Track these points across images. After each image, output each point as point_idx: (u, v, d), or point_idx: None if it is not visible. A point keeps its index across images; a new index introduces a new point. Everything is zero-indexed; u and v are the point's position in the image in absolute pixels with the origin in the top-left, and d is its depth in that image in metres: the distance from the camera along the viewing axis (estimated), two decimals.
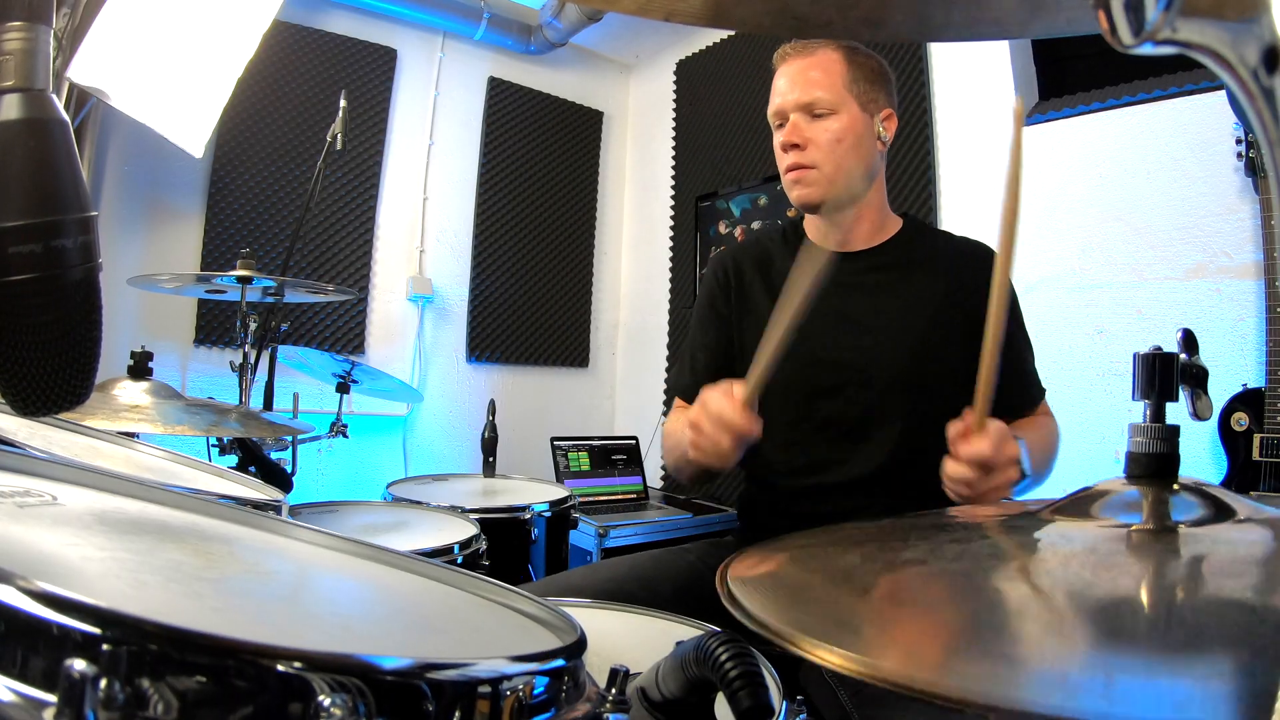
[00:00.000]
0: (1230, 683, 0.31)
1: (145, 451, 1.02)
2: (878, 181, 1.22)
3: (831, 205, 1.20)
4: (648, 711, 0.54)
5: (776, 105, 1.18)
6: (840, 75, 1.15)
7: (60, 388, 0.46)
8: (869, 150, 1.17)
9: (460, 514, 1.53)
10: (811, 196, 1.17)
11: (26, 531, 0.47)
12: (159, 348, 1.53)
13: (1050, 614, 0.39)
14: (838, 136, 1.14)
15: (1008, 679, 0.33)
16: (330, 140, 1.97)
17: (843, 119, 1.15)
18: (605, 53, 3.55)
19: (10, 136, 0.43)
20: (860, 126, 1.16)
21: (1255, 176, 1.57)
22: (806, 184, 1.17)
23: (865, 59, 1.17)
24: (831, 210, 1.21)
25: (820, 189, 1.17)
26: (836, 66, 1.15)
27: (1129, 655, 0.34)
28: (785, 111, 1.17)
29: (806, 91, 1.15)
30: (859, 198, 1.19)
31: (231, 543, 0.61)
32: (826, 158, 1.15)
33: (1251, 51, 0.24)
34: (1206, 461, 1.56)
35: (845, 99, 1.15)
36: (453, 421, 3.06)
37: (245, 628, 0.42)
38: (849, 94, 1.15)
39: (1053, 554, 0.47)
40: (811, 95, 1.14)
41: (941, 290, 1.17)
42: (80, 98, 1.87)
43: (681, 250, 3.25)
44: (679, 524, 2.50)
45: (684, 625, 0.89)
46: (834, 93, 1.14)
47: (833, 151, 1.15)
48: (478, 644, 0.53)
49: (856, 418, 1.17)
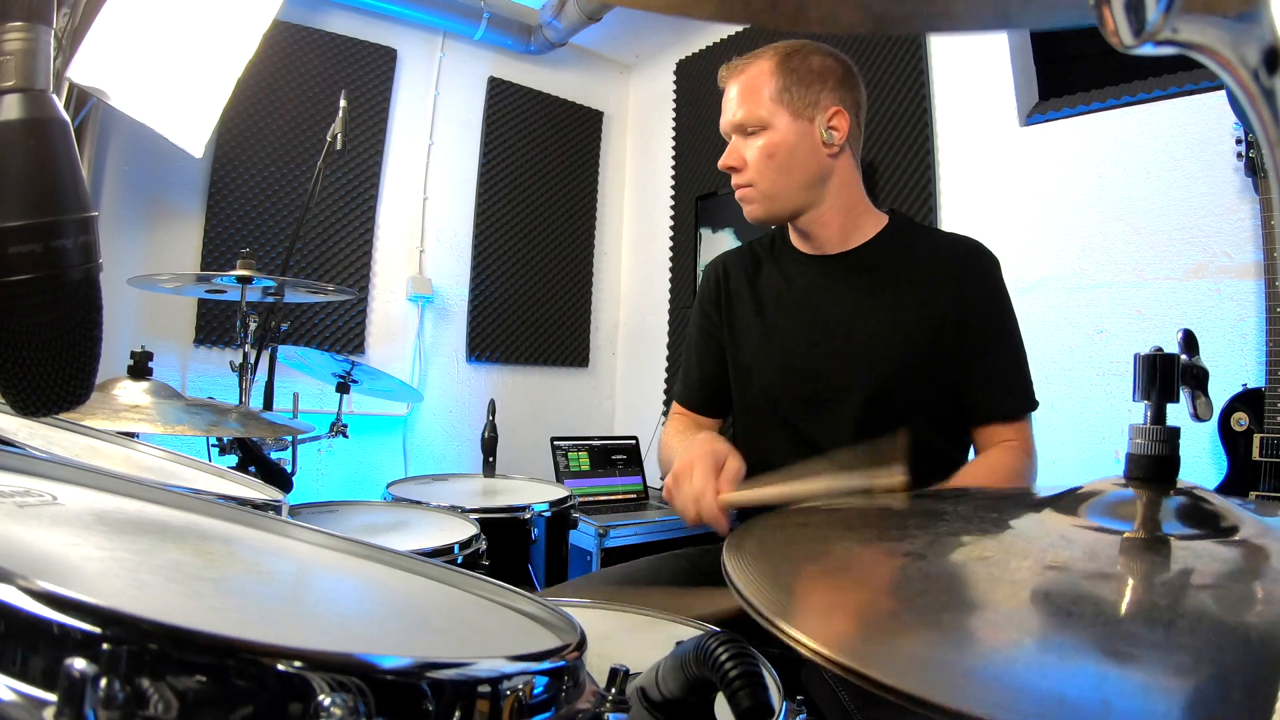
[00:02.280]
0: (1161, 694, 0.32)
1: (145, 451, 1.02)
2: (838, 183, 1.17)
3: (781, 218, 1.20)
4: (648, 711, 0.54)
5: (720, 126, 1.20)
6: (769, 88, 1.13)
7: (60, 388, 0.46)
8: (808, 157, 1.14)
9: (460, 514, 1.53)
10: (756, 214, 1.18)
11: (26, 531, 0.47)
12: (159, 348, 1.53)
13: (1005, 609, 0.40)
14: (768, 152, 1.13)
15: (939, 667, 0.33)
16: (330, 140, 1.97)
17: (774, 133, 1.13)
18: (605, 53, 3.55)
19: (10, 136, 0.43)
20: (793, 136, 1.13)
21: (1255, 176, 1.57)
22: (749, 201, 1.18)
23: (802, 61, 1.13)
24: (786, 221, 1.22)
25: (761, 205, 1.17)
26: (765, 79, 1.13)
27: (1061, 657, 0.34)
28: (725, 133, 1.19)
29: (737, 111, 1.15)
30: (814, 204, 1.17)
31: (231, 543, 0.61)
32: (760, 175, 1.15)
33: (1251, 51, 0.24)
34: (1206, 461, 1.56)
35: (775, 111, 1.13)
36: (453, 421, 3.06)
37: (245, 627, 0.42)
38: (778, 105, 1.13)
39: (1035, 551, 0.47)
40: (741, 115, 1.14)
41: (923, 291, 1.14)
42: (80, 98, 1.87)
43: (681, 250, 3.25)
44: (679, 524, 2.49)
45: (684, 625, 0.89)
46: (763, 107, 1.13)
47: (765, 168, 1.14)
48: (478, 644, 0.53)
49: (832, 423, 1.16)
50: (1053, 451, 1.83)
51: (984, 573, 0.44)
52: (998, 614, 0.39)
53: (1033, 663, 0.34)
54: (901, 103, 2.34)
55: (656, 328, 3.35)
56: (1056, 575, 0.42)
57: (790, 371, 1.19)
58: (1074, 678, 0.32)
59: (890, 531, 0.55)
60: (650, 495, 2.79)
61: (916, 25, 0.36)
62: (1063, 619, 0.38)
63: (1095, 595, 0.40)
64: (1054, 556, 0.44)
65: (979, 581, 0.43)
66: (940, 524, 0.54)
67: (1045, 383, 1.23)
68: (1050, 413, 1.91)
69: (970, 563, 0.46)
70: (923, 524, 0.55)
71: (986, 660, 0.35)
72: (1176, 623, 0.36)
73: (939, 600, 0.42)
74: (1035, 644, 0.36)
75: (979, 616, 0.40)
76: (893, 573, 0.46)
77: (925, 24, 0.36)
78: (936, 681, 0.31)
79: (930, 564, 0.46)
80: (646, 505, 2.69)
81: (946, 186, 2.28)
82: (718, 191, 3.04)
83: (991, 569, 0.44)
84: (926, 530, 0.53)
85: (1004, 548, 0.48)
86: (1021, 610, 0.39)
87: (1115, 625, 0.37)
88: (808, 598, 0.44)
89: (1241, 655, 0.33)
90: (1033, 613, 0.39)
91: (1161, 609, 0.38)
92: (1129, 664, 0.33)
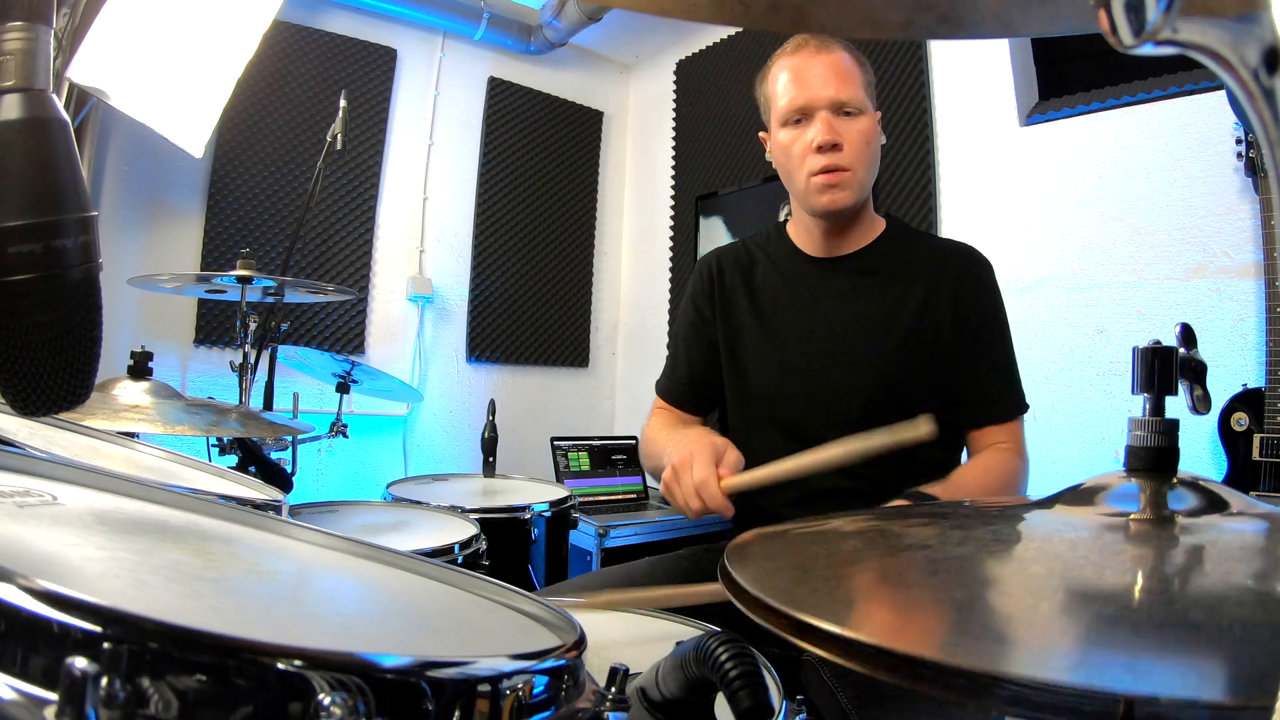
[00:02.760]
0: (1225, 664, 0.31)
1: (145, 451, 1.02)
2: None
3: (858, 209, 1.17)
4: (648, 711, 0.54)
5: (803, 100, 1.10)
6: (859, 75, 1.12)
7: (60, 388, 0.46)
8: (879, 153, 1.16)
9: (460, 514, 1.53)
10: (846, 200, 1.12)
11: (26, 531, 0.47)
12: (159, 348, 1.53)
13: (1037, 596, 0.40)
14: (868, 138, 1.11)
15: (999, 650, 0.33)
16: (330, 140, 1.97)
17: (868, 120, 1.12)
18: (605, 53, 3.55)
19: (10, 136, 0.43)
20: (876, 129, 1.14)
21: (1255, 176, 1.57)
22: (843, 187, 1.11)
23: (865, 61, 1.15)
24: (854, 214, 1.18)
25: (853, 192, 1.12)
26: (854, 66, 1.11)
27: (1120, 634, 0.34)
28: (814, 107, 1.10)
29: (841, 88, 1.09)
30: (869, 200, 1.19)
31: (231, 543, 0.61)
32: (859, 159, 1.11)
33: (1251, 51, 0.24)
34: (1206, 461, 1.56)
35: (865, 100, 1.12)
36: (453, 421, 3.06)
37: (245, 627, 0.42)
38: (867, 95, 1.12)
39: (1045, 541, 0.47)
40: (846, 92, 1.09)
41: (920, 295, 1.15)
42: (80, 98, 1.87)
43: (681, 250, 3.25)
44: (679, 524, 2.50)
45: (684, 625, 0.89)
46: (860, 91, 1.11)
47: (864, 153, 1.11)
48: (478, 643, 0.53)
49: (830, 424, 1.16)
50: (1053, 451, 1.83)
51: (1001, 561, 0.44)
52: (1031, 597, 0.39)
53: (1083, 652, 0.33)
54: (901, 102, 2.34)
55: (656, 328, 3.35)
56: (1083, 565, 0.42)
57: (789, 371, 1.19)
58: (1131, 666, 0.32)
59: (895, 535, 0.55)
60: (650, 495, 2.79)
61: (916, 32, 0.36)
62: (1100, 608, 0.37)
63: (1126, 582, 0.40)
64: (1075, 547, 0.44)
65: (997, 568, 0.43)
66: (945, 523, 0.54)
67: (1045, 383, 1.24)
68: (1050, 413, 1.93)
69: (983, 553, 0.46)
70: (925, 524, 0.55)
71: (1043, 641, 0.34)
72: (1221, 606, 0.36)
73: (961, 587, 0.41)
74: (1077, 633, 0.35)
75: (1008, 601, 0.39)
76: (908, 565, 0.46)
77: (925, 31, 0.36)
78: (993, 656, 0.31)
79: (945, 563, 0.46)
80: (646, 505, 2.69)
81: (946, 187, 2.28)
82: (718, 191, 3.04)
83: (1008, 556, 0.44)
84: (930, 530, 0.53)
85: (1021, 544, 0.48)
86: (1055, 602, 0.39)
87: (1156, 609, 0.37)
88: (822, 593, 0.43)
89: None
90: (1067, 603, 0.38)
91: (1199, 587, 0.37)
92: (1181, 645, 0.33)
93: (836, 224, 1.19)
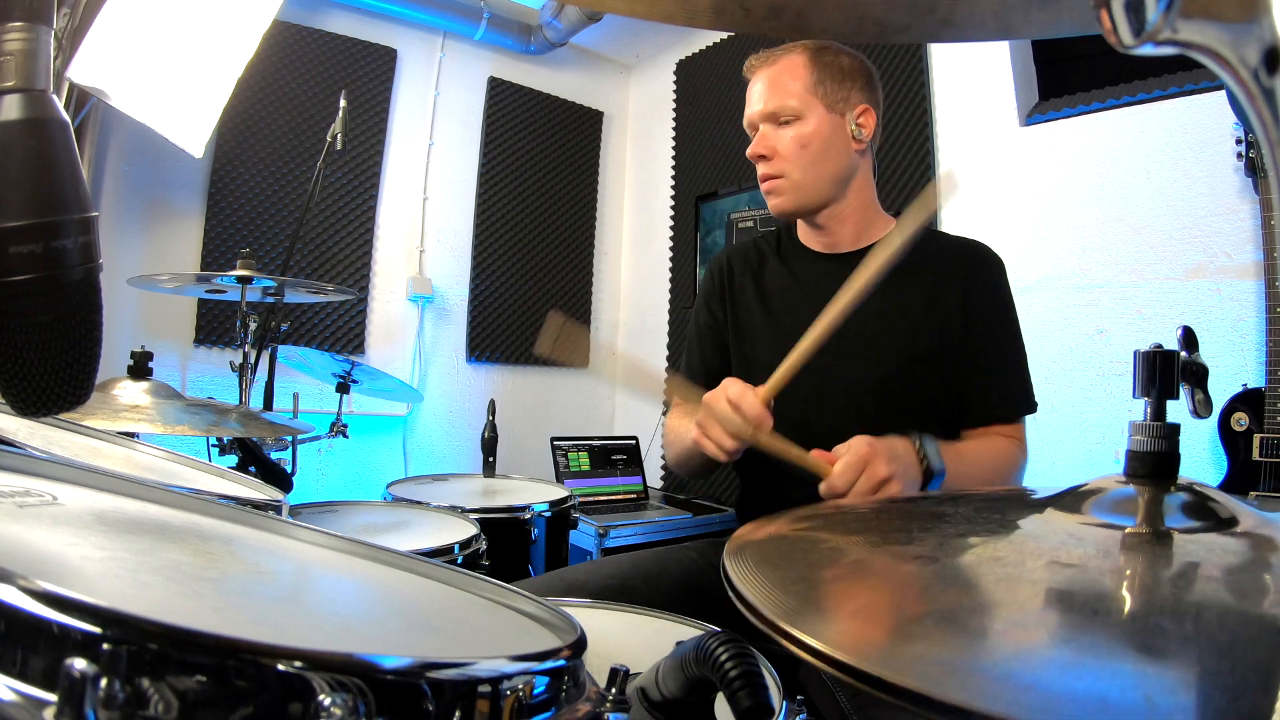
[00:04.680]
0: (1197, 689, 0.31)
1: (145, 451, 1.02)
2: (858, 181, 1.19)
3: (808, 211, 1.20)
4: (648, 711, 0.54)
5: (746, 117, 1.19)
6: (805, 79, 1.14)
7: (60, 388, 0.46)
8: (840, 151, 1.15)
9: (460, 514, 1.53)
10: (784, 205, 1.18)
11: (26, 531, 0.47)
12: (159, 348, 1.53)
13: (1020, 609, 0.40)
14: (802, 143, 1.13)
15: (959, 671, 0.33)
16: (330, 140, 1.97)
17: (808, 124, 1.13)
18: (605, 53, 3.55)
19: (10, 136, 0.43)
20: (827, 129, 1.14)
21: (1255, 176, 1.57)
22: (778, 193, 1.17)
23: (834, 58, 1.15)
24: (809, 215, 1.21)
25: (791, 197, 1.16)
26: (800, 71, 1.14)
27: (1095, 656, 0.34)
28: (754, 123, 1.18)
29: (770, 100, 1.15)
30: (836, 199, 1.18)
31: (231, 543, 0.61)
32: (793, 165, 1.14)
33: (1251, 52, 0.24)
34: (1206, 461, 1.56)
35: (810, 102, 1.13)
36: (453, 421, 3.06)
37: (245, 627, 0.42)
38: (814, 97, 1.13)
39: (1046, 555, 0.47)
40: (775, 104, 1.14)
41: (929, 292, 1.15)
42: (80, 98, 1.87)
43: (681, 250, 3.25)
44: (679, 524, 2.50)
45: (684, 625, 0.89)
46: (798, 98, 1.13)
47: (799, 158, 1.14)
48: (478, 644, 0.53)
49: (841, 422, 1.16)
50: (1053, 451, 1.83)
51: (999, 573, 0.44)
52: (1021, 615, 0.39)
53: (1068, 664, 0.33)
54: (902, 102, 2.34)
55: (656, 328, 3.35)
56: (1072, 573, 0.42)
57: (802, 367, 1.19)
58: (1113, 677, 0.32)
59: (895, 535, 0.55)
60: (650, 495, 2.79)
61: (918, 34, 0.36)
62: (1088, 617, 0.37)
63: (1114, 592, 0.40)
64: (1067, 554, 0.44)
65: (995, 583, 0.43)
66: (945, 525, 0.54)
67: (1045, 383, 1.24)
68: (1050, 413, 1.91)
69: (984, 564, 0.46)
70: (926, 526, 0.55)
71: (1020, 663, 0.34)
72: (1203, 615, 0.36)
73: (957, 603, 0.41)
74: (1066, 644, 0.35)
75: (1001, 619, 0.39)
76: (906, 576, 0.46)
77: (927, 33, 0.36)
78: (973, 689, 0.31)
79: (943, 566, 0.46)
80: (646, 505, 2.69)
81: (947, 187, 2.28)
82: (718, 191, 3.04)
83: (1007, 569, 0.44)
84: (932, 533, 0.52)
85: (1015, 548, 0.48)
86: (1044, 610, 0.39)
87: (1142, 621, 0.37)
88: (820, 603, 0.43)
89: (1274, 644, 0.33)
90: (1056, 613, 0.39)
91: (1184, 602, 0.38)
92: (1164, 659, 0.33)
93: (817, 224, 1.22)
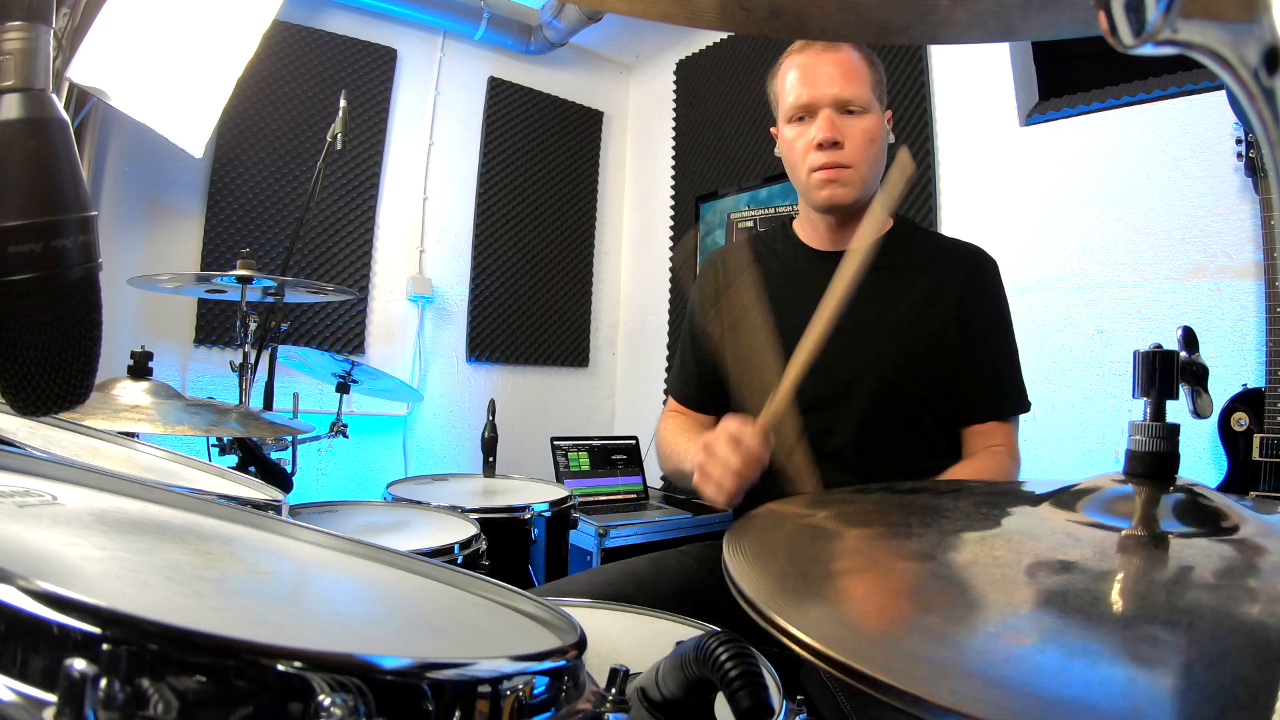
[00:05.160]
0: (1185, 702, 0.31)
1: (145, 451, 1.02)
2: None
3: (860, 206, 1.18)
4: (648, 711, 0.54)
5: (806, 98, 1.13)
6: (866, 74, 1.14)
7: (60, 388, 0.46)
8: (884, 151, 1.17)
9: (460, 514, 1.53)
10: (846, 197, 1.15)
11: (26, 531, 0.47)
12: (159, 348, 1.53)
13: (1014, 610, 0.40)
14: (871, 136, 1.13)
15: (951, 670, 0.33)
16: (330, 140, 1.97)
17: (872, 118, 1.14)
18: (605, 53, 3.55)
19: (10, 136, 0.43)
20: (883, 128, 1.16)
21: (1255, 176, 1.57)
22: (844, 184, 1.14)
23: (876, 60, 1.17)
24: (856, 210, 1.19)
25: (854, 189, 1.15)
26: (862, 65, 1.14)
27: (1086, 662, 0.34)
28: (817, 105, 1.13)
29: (845, 87, 1.12)
30: (870, 199, 1.19)
31: (231, 543, 0.61)
32: (862, 157, 1.13)
33: (1251, 52, 0.24)
34: (1206, 461, 1.56)
35: (871, 99, 1.14)
36: (453, 421, 3.06)
37: (245, 627, 0.42)
38: (874, 94, 1.14)
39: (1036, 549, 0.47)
40: (850, 91, 1.12)
41: (925, 293, 1.15)
42: (80, 98, 1.87)
43: (681, 250, 3.25)
44: (679, 524, 2.50)
45: (684, 625, 0.89)
46: (866, 90, 1.13)
47: (867, 151, 1.13)
48: (478, 644, 0.53)
49: (840, 422, 1.16)
50: (1052, 451, 1.83)
51: (995, 573, 0.44)
52: (1015, 617, 0.39)
53: (1059, 669, 0.33)
54: (902, 102, 2.34)
55: (656, 328, 3.35)
56: (1067, 575, 0.42)
57: None
58: (1103, 685, 0.32)
59: (893, 529, 0.55)
60: (650, 495, 2.79)
61: (918, 35, 0.36)
62: (1081, 621, 0.37)
63: (1108, 596, 0.40)
64: (1063, 555, 0.44)
65: (990, 583, 0.43)
66: (943, 521, 0.54)
67: (1045, 383, 1.24)
68: (1050, 413, 1.92)
69: (979, 563, 0.46)
70: (926, 521, 0.55)
71: (1011, 667, 0.34)
72: (1195, 624, 0.36)
73: (952, 602, 0.41)
74: (1059, 649, 0.35)
75: (995, 620, 0.39)
76: (902, 573, 0.46)
77: (926, 34, 0.36)
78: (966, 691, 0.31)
79: (939, 564, 0.46)
80: (646, 505, 2.69)
81: (946, 186, 2.28)
82: (718, 191, 3.04)
83: (1003, 569, 0.44)
84: (930, 529, 0.52)
85: (1011, 547, 0.48)
86: (1037, 613, 0.39)
87: (1134, 628, 0.37)
88: (817, 599, 0.43)
89: (1264, 656, 0.33)
90: (1050, 615, 0.39)
91: (1177, 609, 0.38)
92: (1154, 668, 0.33)
93: (840, 219, 1.21)
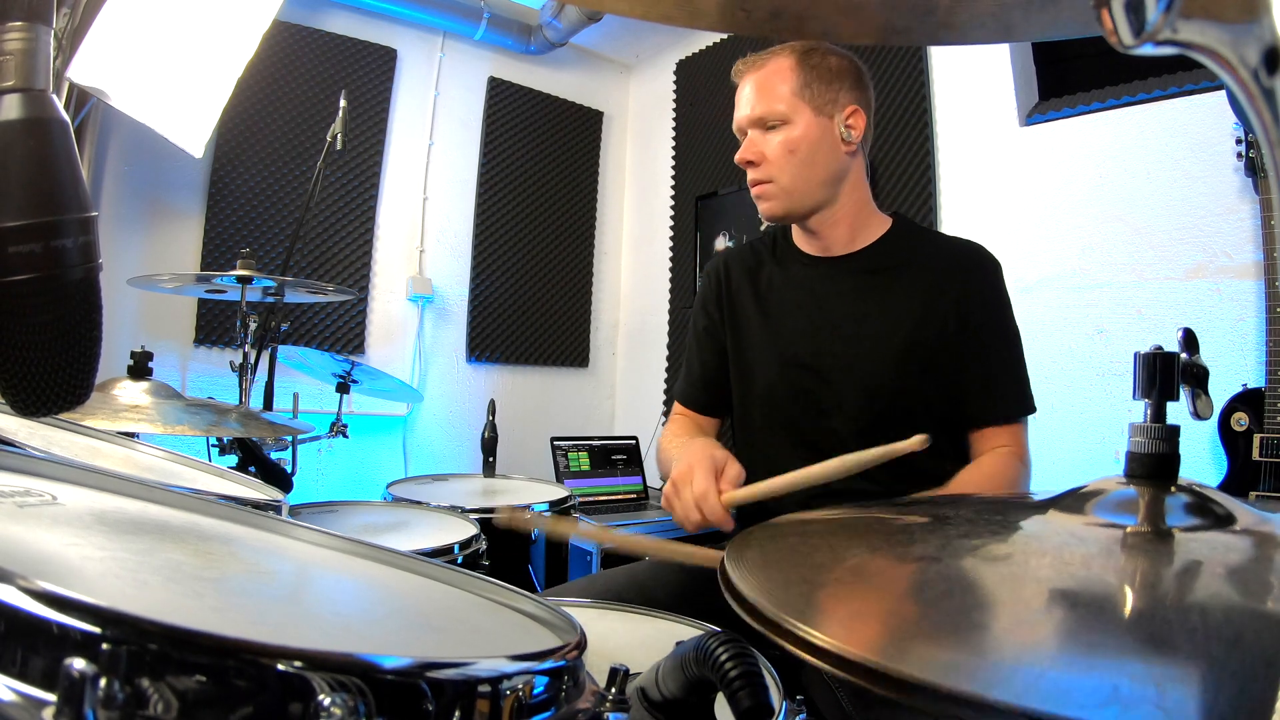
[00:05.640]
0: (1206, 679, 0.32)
1: (145, 451, 1.02)
2: (850, 183, 1.18)
3: (798, 215, 1.19)
4: (648, 711, 0.54)
5: (735, 122, 1.19)
6: (791, 82, 1.13)
7: (60, 388, 0.46)
8: (829, 154, 1.15)
9: (460, 514, 1.53)
10: (774, 210, 1.17)
11: (26, 531, 0.47)
12: (159, 348, 1.53)
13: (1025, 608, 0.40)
14: (790, 147, 1.13)
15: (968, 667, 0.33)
16: (330, 140, 1.97)
17: (796, 128, 1.13)
18: (605, 53, 3.55)
19: (10, 136, 0.43)
20: (815, 132, 1.13)
21: (1255, 176, 1.57)
22: (767, 199, 1.17)
23: (822, 59, 1.14)
24: (800, 220, 1.21)
25: (780, 202, 1.16)
26: (787, 74, 1.14)
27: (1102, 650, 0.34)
28: (741, 129, 1.18)
29: (757, 105, 1.14)
30: (828, 203, 1.18)
31: (231, 543, 0.61)
32: (781, 170, 1.14)
33: (1251, 52, 0.24)
34: (1206, 461, 1.56)
35: (797, 106, 1.13)
36: (453, 421, 3.06)
37: (245, 627, 0.42)
38: (800, 100, 1.13)
39: (1041, 549, 0.47)
40: (762, 108, 1.14)
41: (924, 294, 1.14)
42: (80, 98, 1.87)
43: (681, 250, 3.25)
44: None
45: (684, 625, 0.89)
46: (784, 102, 1.13)
47: (787, 163, 1.13)
48: (478, 643, 0.53)
49: (834, 423, 1.15)
50: (1053, 451, 1.83)
51: (1003, 573, 0.44)
52: (1026, 614, 0.39)
53: (1075, 657, 0.34)
54: (902, 102, 2.34)
55: (656, 328, 3.35)
56: (1075, 572, 0.42)
57: (793, 371, 1.19)
58: (1122, 669, 0.32)
59: (898, 537, 0.55)
60: (650, 495, 2.79)
61: (918, 37, 0.36)
62: (1093, 614, 0.37)
63: (1119, 589, 0.40)
64: (1069, 554, 0.44)
65: (999, 582, 0.43)
66: (948, 528, 0.54)
67: (1045, 383, 1.24)
68: (1050, 413, 1.92)
69: (986, 564, 0.46)
70: (929, 529, 0.55)
71: (1027, 658, 0.34)
72: (1208, 610, 0.36)
73: (962, 601, 0.41)
74: (1072, 640, 0.36)
75: (1006, 616, 0.40)
76: (909, 576, 0.46)
77: (927, 36, 0.36)
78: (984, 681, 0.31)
79: (946, 566, 0.46)
80: (646, 505, 2.69)
81: (946, 187, 2.28)
82: (718, 191, 3.04)
83: (1010, 569, 0.44)
84: (935, 535, 0.52)
85: (1017, 548, 0.48)
86: (1048, 609, 0.39)
87: (1147, 617, 0.37)
88: (823, 604, 0.43)
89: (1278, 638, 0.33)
90: (1061, 610, 0.39)
91: (1189, 599, 0.38)
92: (1172, 652, 0.34)
93: (812, 228, 1.21)
